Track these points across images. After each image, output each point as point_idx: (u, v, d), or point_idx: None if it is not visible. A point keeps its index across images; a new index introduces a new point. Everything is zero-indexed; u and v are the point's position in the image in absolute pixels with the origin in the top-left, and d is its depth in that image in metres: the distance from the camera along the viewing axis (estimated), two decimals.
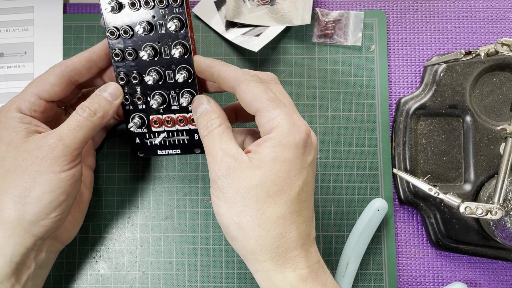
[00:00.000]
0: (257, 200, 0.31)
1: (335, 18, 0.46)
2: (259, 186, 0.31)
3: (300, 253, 0.32)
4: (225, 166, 0.32)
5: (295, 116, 0.33)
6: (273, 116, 0.32)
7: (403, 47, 0.46)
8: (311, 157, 0.33)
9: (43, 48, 0.46)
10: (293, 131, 0.32)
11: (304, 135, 0.32)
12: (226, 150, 0.33)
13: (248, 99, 0.33)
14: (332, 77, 0.46)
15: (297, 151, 0.32)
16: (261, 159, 0.32)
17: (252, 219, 0.31)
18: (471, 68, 0.43)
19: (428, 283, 0.43)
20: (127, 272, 0.43)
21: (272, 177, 0.31)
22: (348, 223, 0.43)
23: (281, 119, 0.32)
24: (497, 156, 0.42)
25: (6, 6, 0.47)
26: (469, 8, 0.47)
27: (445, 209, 0.41)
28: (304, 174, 0.32)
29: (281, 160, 0.31)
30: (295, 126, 0.32)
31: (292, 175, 0.32)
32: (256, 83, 0.34)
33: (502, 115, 0.43)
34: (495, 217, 0.36)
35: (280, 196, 0.31)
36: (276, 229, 0.31)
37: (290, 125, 0.32)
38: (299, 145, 0.32)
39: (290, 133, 0.32)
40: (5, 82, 0.46)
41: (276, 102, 0.33)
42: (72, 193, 0.35)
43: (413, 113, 0.43)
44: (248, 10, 0.45)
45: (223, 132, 0.34)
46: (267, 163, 0.31)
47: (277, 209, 0.31)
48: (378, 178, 0.44)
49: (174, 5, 0.35)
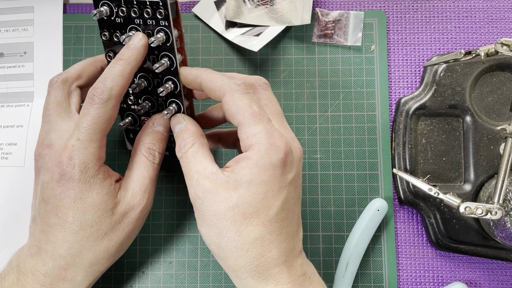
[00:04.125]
0: (234, 222, 0.31)
1: (335, 18, 0.46)
2: (235, 208, 0.31)
3: (281, 269, 0.32)
4: (201, 189, 0.32)
5: (275, 134, 0.32)
6: (252, 133, 0.31)
7: (403, 47, 0.46)
8: (292, 175, 0.32)
9: (43, 48, 0.46)
10: (271, 152, 0.31)
11: (282, 156, 0.31)
12: (201, 172, 0.32)
13: (231, 111, 0.32)
14: (332, 77, 0.46)
15: (275, 172, 0.31)
16: (237, 180, 0.31)
17: (230, 240, 0.31)
18: (471, 68, 0.43)
19: (428, 283, 0.43)
20: (127, 272, 0.43)
21: (248, 199, 0.31)
22: (348, 223, 0.43)
23: (259, 138, 0.31)
24: (497, 156, 0.42)
25: (6, 6, 0.47)
26: (469, 8, 0.47)
27: (445, 209, 0.41)
28: (284, 193, 0.32)
29: (257, 182, 0.31)
30: (273, 146, 0.31)
31: (269, 196, 0.31)
32: (242, 94, 0.32)
33: (502, 115, 0.43)
34: (495, 217, 0.36)
35: (257, 218, 0.31)
36: (255, 250, 0.31)
37: (268, 144, 0.31)
38: (277, 166, 0.31)
39: (267, 154, 0.31)
40: (5, 82, 0.46)
41: (258, 118, 0.32)
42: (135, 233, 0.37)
43: (413, 113, 0.43)
44: (248, 10, 0.45)
45: (197, 152, 0.33)
46: (243, 184, 0.31)
47: (254, 230, 0.31)
48: (378, 178, 0.44)
49: (159, 18, 0.34)
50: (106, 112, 0.33)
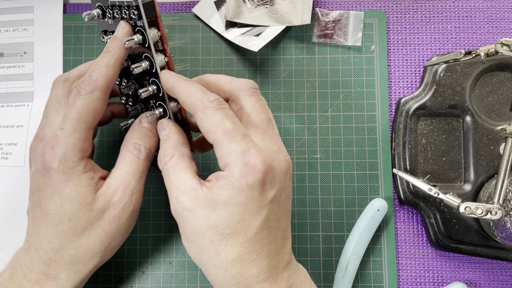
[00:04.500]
0: (211, 242, 0.30)
1: (335, 18, 0.46)
2: (213, 227, 0.30)
3: (263, 286, 0.31)
4: (180, 206, 0.31)
5: (252, 151, 0.30)
6: (226, 152, 0.30)
7: (403, 47, 0.46)
8: (273, 192, 0.31)
9: (43, 48, 0.46)
10: (246, 172, 0.30)
11: (259, 176, 0.30)
12: (180, 187, 0.31)
13: (204, 129, 0.32)
14: (332, 77, 0.46)
15: (252, 193, 0.30)
16: (215, 200, 0.30)
17: (209, 259, 0.31)
18: (471, 68, 0.43)
19: (428, 283, 0.43)
20: (127, 272, 0.43)
21: (225, 220, 0.30)
22: (348, 223, 0.43)
23: (234, 157, 0.30)
24: (497, 156, 0.42)
25: (6, 6, 0.47)
26: (469, 8, 0.47)
27: (445, 209, 0.41)
28: (264, 213, 0.30)
29: (233, 203, 0.30)
30: (248, 166, 0.30)
31: (247, 217, 0.30)
32: (214, 110, 0.31)
33: (502, 115, 0.43)
34: (495, 217, 0.36)
35: (235, 238, 0.30)
36: (233, 269, 0.30)
37: (243, 164, 0.30)
38: (254, 186, 0.30)
39: (242, 175, 0.30)
40: (5, 82, 0.46)
41: (231, 135, 0.30)
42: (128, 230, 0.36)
43: (413, 113, 0.43)
44: (248, 10, 0.45)
45: (177, 164, 0.32)
46: (220, 205, 0.30)
47: (233, 250, 0.30)
48: (378, 178, 0.44)
49: (135, 19, 0.33)
50: (91, 103, 0.33)
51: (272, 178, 0.31)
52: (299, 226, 0.43)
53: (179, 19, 0.47)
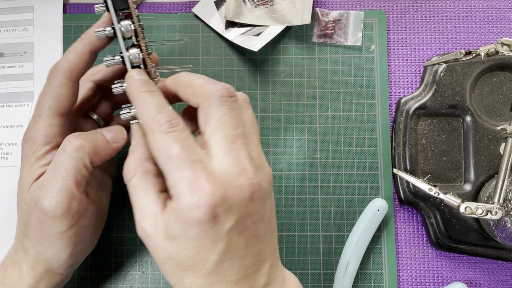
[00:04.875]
0: (173, 271, 0.29)
1: (335, 18, 0.46)
2: (171, 259, 0.29)
3: None
4: (142, 231, 0.29)
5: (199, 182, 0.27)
6: (174, 182, 0.28)
7: (403, 47, 0.46)
8: (231, 223, 0.28)
9: (43, 48, 0.46)
10: (192, 207, 0.27)
11: (206, 210, 0.27)
12: (142, 210, 0.29)
13: (153, 155, 0.29)
14: (332, 77, 0.46)
15: (202, 227, 0.27)
16: (169, 232, 0.28)
17: (175, 285, 0.30)
18: (471, 68, 0.43)
19: (428, 283, 0.43)
20: (127, 272, 0.43)
21: (181, 254, 0.28)
22: (348, 223, 0.43)
23: (180, 190, 0.27)
24: (497, 156, 0.42)
25: (6, 6, 0.47)
26: (469, 8, 0.47)
27: (445, 209, 0.41)
28: (221, 245, 0.28)
29: (184, 238, 0.28)
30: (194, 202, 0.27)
31: (202, 251, 0.28)
32: (163, 134, 0.28)
33: (502, 115, 0.43)
34: (495, 217, 0.36)
35: (195, 271, 0.28)
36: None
37: (189, 198, 0.27)
38: (203, 221, 0.27)
39: (188, 210, 0.27)
40: (5, 82, 0.46)
41: (178, 163, 0.28)
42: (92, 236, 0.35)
43: (413, 113, 0.43)
44: (248, 10, 0.45)
45: (139, 184, 0.30)
46: (173, 238, 0.28)
47: (194, 281, 0.29)
48: (378, 178, 0.44)
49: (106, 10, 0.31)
50: (53, 88, 0.32)
51: (226, 209, 0.28)
52: (299, 226, 0.43)
53: (179, 19, 0.46)
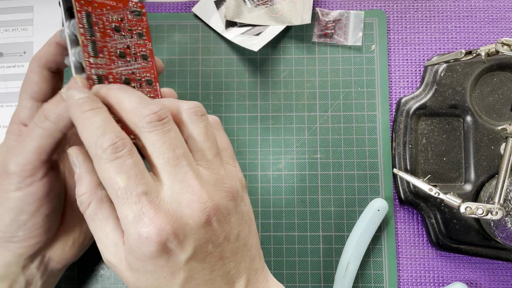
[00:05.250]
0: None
1: (335, 18, 0.46)
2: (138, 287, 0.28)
3: None
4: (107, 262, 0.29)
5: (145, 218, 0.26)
6: (121, 216, 0.27)
7: (403, 47, 0.46)
8: (187, 254, 0.27)
9: None
10: (140, 245, 0.26)
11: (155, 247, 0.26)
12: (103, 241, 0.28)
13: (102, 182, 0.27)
14: (332, 77, 0.46)
15: (156, 262, 0.26)
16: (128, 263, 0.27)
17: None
18: (471, 68, 0.43)
19: (428, 283, 0.43)
20: None
21: (145, 284, 0.28)
22: (348, 223, 0.43)
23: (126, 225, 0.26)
24: (497, 156, 0.42)
25: (6, 5, 0.47)
26: (470, 8, 0.47)
27: (446, 209, 0.41)
28: (181, 276, 0.27)
29: (142, 272, 0.27)
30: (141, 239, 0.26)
31: (163, 282, 0.27)
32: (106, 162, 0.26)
33: (502, 115, 0.43)
34: (495, 217, 0.36)
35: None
36: None
37: (135, 235, 0.26)
38: (154, 257, 0.26)
39: (137, 248, 0.26)
40: (4, 82, 0.46)
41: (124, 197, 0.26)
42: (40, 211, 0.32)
43: (414, 113, 0.43)
44: (248, 10, 0.45)
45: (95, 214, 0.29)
46: (134, 270, 0.27)
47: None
48: (378, 178, 0.44)
49: None
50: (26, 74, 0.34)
51: (180, 242, 0.26)
52: (299, 226, 0.43)
53: (179, 19, 0.46)
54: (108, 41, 0.32)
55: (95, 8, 0.31)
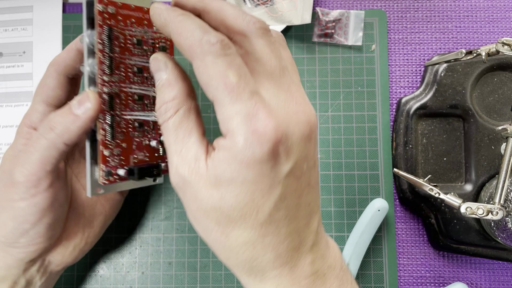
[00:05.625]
0: (218, 223, 0.26)
1: (336, 18, 0.45)
2: (218, 209, 0.25)
3: (281, 272, 0.27)
4: (180, 179, 0.26)
5: (260, 115, 0.24)
6: (228, 115, 0.24)
7: (403, 47, 0.46)
8: (290, 165, 0.25)
9: (42, 47, 0.46)
10: (252, 143, 0.23)
11: (269, 146, 0.24)
12: (182, 154, 0.26)
13: (202, 81, 0.25)
14: (333, 76, 0.45)
15: (261, 168, 0.24)
16: (217, 177, 0.25)
17: (217, 241, 0.26)
18: (472, 67, 0.43)
19: (428, 284, 0.43)
20: (126, 273, 0.43)
21: (231, 202, 0.25)
22: (348, 224, 0.43)
23: (237, 123, 0.24)
24: (498, 156, 0.42)
25: (5, 5, 0.47)
26: (470, 8, 0.47)
27: (446, 210, 0.41)
28: (277, 191, 0.25)
29: (239, 182, 0.24)
30: (255, 135, 0.23)
31: (257, 198, 0.25)
32: (215, 57, 0.24)
33: (503, 115, 0.43)
34: (496, 217, 0.36)
35: (245, 222, 0.25)
36: (245, 254, 0.26)
37: (248, 133, 0.23)
38: (263, 160, 0.24)
39: (247, 147, 0.24)
40: (4, 82, 0.46)
41: (235, 93, 0.24)
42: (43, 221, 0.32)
43: (414, 113, 0.43)
44: (248, 10, 0.45)
45: (181, 123, 0.26)
46: (223, 184, 0.25)
47: (243, 234, 0.26)
48: (379, 178, 0.44)
49: None
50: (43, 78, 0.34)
51: (287, 148, 0.25)
52: None
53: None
54: (127, 56, 0.30)
55: (118, 21, 0.29)
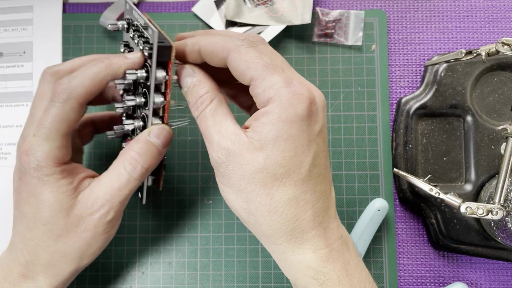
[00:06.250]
0: (264, 185, 0.29)
1: (336, 18, 0.45)
2: (264, 170, 0.28)
3: (318, 232, 0.30)
4: (223, 152, 0.29)
5: (294, 82, 0.29)
6: (269, 84, 0.29)
7: (403, 47, 0.46)
8: (319, 125, 0.30)
9: (42, 47, 0.46)
10: (294, 102, 0.28)
11: (307, 104, 0.29)
12: (222, 132, 0.30)
13: (240, 67, 0.29)
14: (333, 76, 0.45)
15: (302, 124, 0.28)
16: (262, 139, 0.28)
17: (261, 204, 0.29)
18: (472, 67, 0.43)
19: (429, 284, 0.43)
20: (127, 273, 0.43)
21: (277, 159, 0.28)
22: (348, 224, 0.43)
23: (278, 88, 0.28)
24: (498, 156, 0.42)
25: (5, 5, 0.47)
26: (470, 8, 0.47)
27: (446, 209, 0.41)
28: (314, 147, 0.29)
29: (284, 138, 0.28)
30: (295, 95, 0.28)
31: (299, 153, 0.29)
32: (248, 48, 0.30)
33: (503, 115, 0.43)
34: (496, 217, 0.36)
35: (289, 177, 0.29)
36: (289, 212, 0.29)
37: (289, 94, 0.28)
38: (303, 117, 0.28)
39: (290, 105, 0.28)
40: (4, 82, 0.46)
41: (272, 68, 0.29)
42: None
43: (414, 113, 0.43)
44: (248, 10, 0.45)
45: (217, 110, 0.31)
46: (269, 143, 0.28)
47: (288, 191, 0.29)
48: (379, 178, 0.44)
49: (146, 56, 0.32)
50: (64, 113, 0.31)
51: (316, 110, 0.29)
52: None
53: (179, 19, 0.46)
54: None
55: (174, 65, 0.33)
